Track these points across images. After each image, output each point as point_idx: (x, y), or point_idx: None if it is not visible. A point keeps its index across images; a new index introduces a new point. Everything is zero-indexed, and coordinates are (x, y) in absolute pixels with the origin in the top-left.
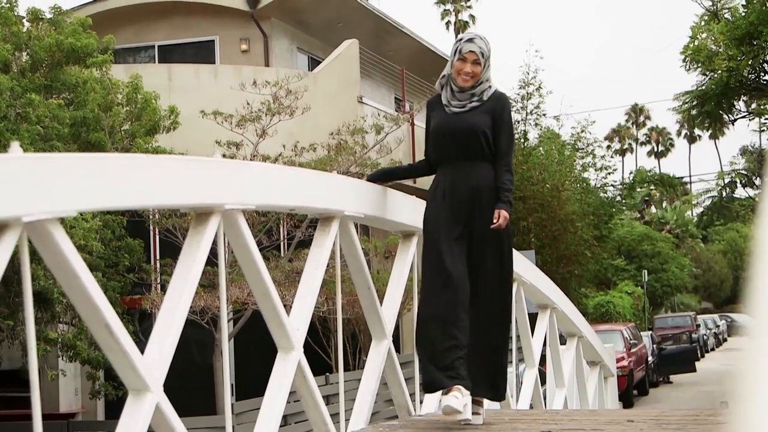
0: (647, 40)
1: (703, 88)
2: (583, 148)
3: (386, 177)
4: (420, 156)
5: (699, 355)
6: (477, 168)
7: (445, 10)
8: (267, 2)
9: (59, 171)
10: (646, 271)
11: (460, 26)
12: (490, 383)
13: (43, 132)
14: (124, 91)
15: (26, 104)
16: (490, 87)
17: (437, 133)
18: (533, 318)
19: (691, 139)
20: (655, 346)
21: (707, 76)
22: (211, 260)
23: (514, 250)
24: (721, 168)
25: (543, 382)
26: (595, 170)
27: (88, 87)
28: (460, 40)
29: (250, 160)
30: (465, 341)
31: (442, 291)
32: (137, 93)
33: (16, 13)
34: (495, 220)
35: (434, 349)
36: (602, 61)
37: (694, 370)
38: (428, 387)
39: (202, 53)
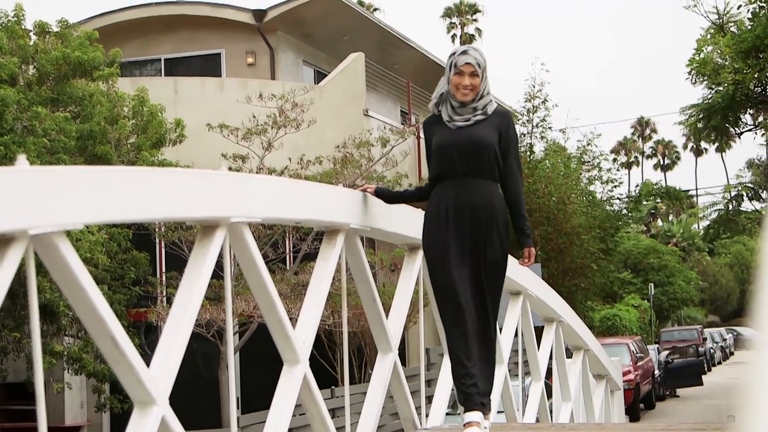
0: (653, 53)
1: (710, 101)
2: (589, 161)
3: (394, 199)
4: (425, 168)
5: (706, 369)
6: (481, 185)
7: (451, 23)
8: (273, 16)
9: (65, 184)
10: (652, 285)
11: (466, 39)
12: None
13: (50, 145)
14: (130, 104)
15: (33, 117)
16: (491, 101)
17: (441, 147)
18: (539, 331)
19: (698, 152)
20: (664, 356)
21: (713, 89)
22: (217, 273)
23: (518, 264)
24: (728, 181)
25: (549, 395)
26: (602, 183)
27: (95, 100)
28: (454, 54)
29: (256, 173)
30: (477, 369)
31: (455, 324)
32: (143, 106)
33: (23, 27)
34: (526, 260)
35: (456, 378)
36: (608, 73)
37: (701, 384)
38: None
39: (208, 66)
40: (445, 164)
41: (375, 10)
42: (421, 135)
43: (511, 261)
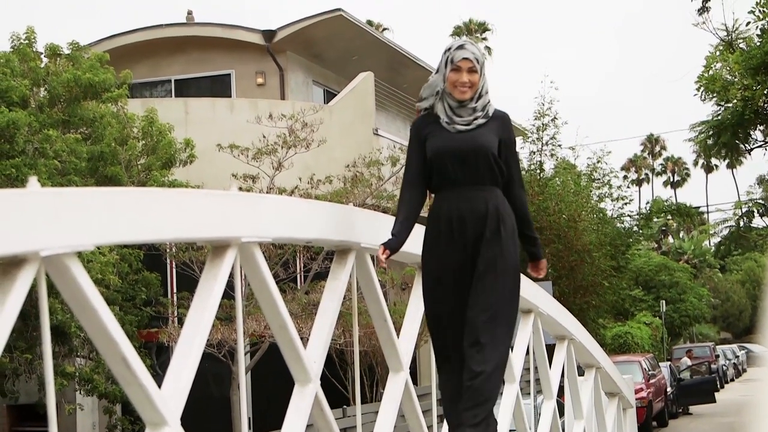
0: (663, 69)
1: (719, 118)
2: (599, 179)
3: (405, 238)
4: None
5: (718, 386)
6: (486, 193)
7: None
8: (282, 36)
9: (76, 205)
10: (664, 302)
11: None
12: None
13: (61, 167)
14: (139, 124)
15: (44, 139)
16: (490, 101)
17: (440, 154)
18: (551, 349)
19: (708, 168)
20: (687, 362)
21: (722, 106)
22: (228, 293)
23: (530, 282)
24: (739, 197)
25: (561, 413)
26: (612, 200)
27: (105, 122)
28: (449, 49)
29: (267, 192)
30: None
31: (456, 365)
32: (152, 126)
33: (34, 49)
34: (538, 273)
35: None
36: (618, 90)
37: (714, 401)
38: None
39: (218, 87)
40: (445, 174)
41: (384, 29)
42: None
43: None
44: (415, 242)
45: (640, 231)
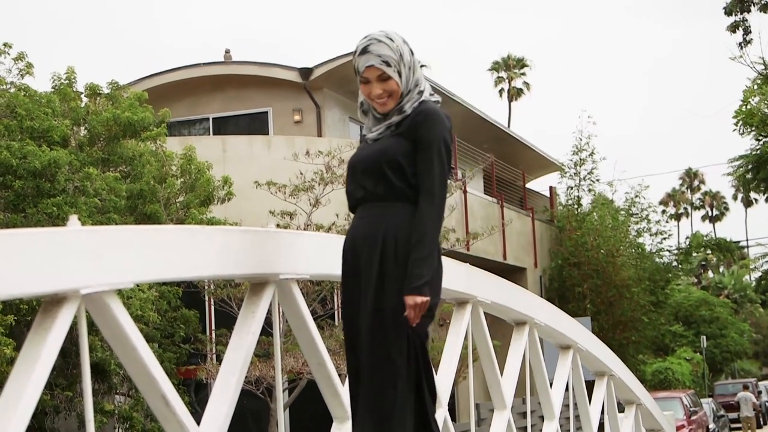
0: (699, 104)
1: (758, 152)
2: (637, 214)
3: None
4: (472, 223)
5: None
6: (386, 213)
7: (498, 77)
8: (319, 74)
9: (116, 243)
10: (704, 337)
11: (514, 93)
12: None
13: (101, 205)
14: (178, 162)
15: (84, 178)
16: (420, 93)
17: (348, 169)
18: (590, 385)
19: (748, 202)
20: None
21: (761, 140)
22: (266, 330)
23: (569, 318)
24: None
25: None
26: (650, 235)
27: (144, 160)
28: (354, 53)
29: (304, 229)
30: None
31: (352, 395)
32: (191, 164)
33: (75, 89)
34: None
35: None
36: (655, 124)
37: None
38: None
39: (255, 124)
40: (348, 187)
41: (421, 66)
42: (468, 190)
43: (557, 313)
44: (452, 279)
45: (680, 266)
